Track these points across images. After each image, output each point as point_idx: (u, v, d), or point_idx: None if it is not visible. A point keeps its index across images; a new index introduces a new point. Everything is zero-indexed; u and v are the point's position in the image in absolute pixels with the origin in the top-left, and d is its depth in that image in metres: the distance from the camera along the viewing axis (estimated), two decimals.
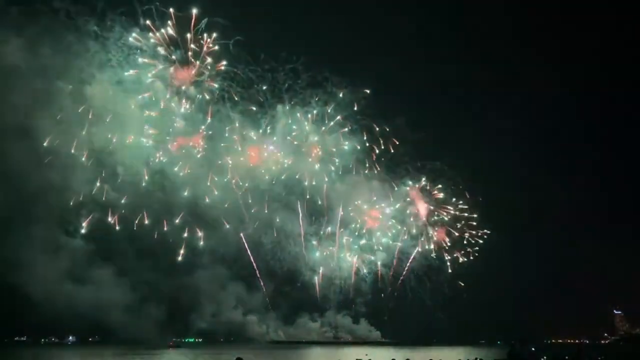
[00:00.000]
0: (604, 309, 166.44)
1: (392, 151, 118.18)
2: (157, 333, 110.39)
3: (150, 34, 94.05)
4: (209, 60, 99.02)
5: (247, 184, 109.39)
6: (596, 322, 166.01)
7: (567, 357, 42.34)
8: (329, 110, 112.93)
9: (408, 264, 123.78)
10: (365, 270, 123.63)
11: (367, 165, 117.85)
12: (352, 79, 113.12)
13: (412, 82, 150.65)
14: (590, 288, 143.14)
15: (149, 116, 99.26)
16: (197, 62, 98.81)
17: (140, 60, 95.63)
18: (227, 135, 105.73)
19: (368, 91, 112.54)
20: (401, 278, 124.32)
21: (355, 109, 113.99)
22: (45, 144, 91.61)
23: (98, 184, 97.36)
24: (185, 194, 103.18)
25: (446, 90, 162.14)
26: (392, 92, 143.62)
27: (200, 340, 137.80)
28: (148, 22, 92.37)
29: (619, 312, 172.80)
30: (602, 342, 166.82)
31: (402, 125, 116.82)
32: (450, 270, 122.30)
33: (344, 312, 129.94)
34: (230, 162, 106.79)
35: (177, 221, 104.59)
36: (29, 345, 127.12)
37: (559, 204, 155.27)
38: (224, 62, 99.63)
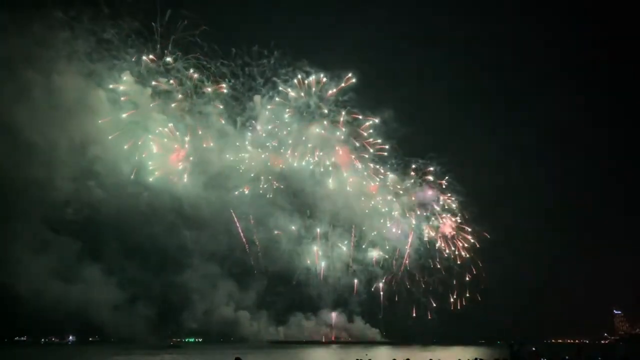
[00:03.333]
0: (604, 309, 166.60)
1: (378, 145, 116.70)
2: (149, 332, 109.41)
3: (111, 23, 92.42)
4: (179, 53, 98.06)
5: (231, 182, 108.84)
6: (596, 322, 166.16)
7: (567, 357, 42.28)
8: (310, 104, 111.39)
9: (402, 262, 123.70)
10: (359, 268, 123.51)
11: (353, 159, 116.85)
12: (333, 70, 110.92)
13: (397, 73, 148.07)
14: (590, 288, 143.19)
15: (123, 111, 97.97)
16: (166, 53, 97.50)
17: (109, 52, 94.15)
18: (203, 130, 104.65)
19: (353, 79, 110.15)
20: (395, 276, 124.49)
21: (339, 101, 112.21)
22: (24, 139, 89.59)
23: (82, 180, 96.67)
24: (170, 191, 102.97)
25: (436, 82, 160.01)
26: (378, 84, 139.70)
27: (200, 340, 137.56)
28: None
29: (619, 312, 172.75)
30: (602, 342, 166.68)
31: (389, 119, 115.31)
32: (438, 266, 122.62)
33: (339, 310, 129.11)
34: (211, 158, 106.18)
35: (164, 219, 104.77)
36: (28, 345, 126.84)
37: (559, 203, 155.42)
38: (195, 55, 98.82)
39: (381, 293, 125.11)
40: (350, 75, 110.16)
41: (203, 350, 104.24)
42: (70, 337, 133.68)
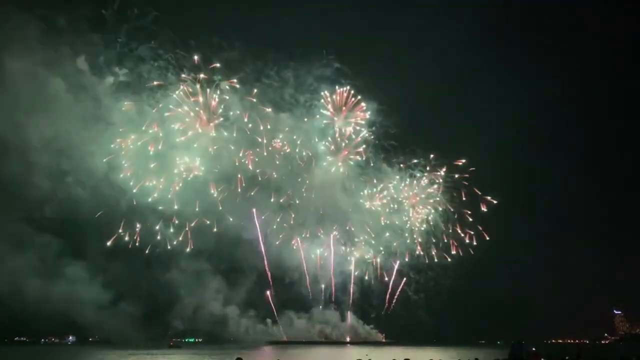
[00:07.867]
0: (604, 309, 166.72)
1: (362, 138, 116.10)
2: (138, 332, 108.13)
3: None
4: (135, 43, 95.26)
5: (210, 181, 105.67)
6: (596, 322, 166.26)
7: (567, 357, 42.23)
8: (286, 96, 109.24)
9: (393, 260, 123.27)
10: (352, 267, 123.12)
11: (337, 153, 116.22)
12: (311, 62, 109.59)
13: (377, 63, 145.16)
14: (590, 288, 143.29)
15: (84, 102, 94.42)
16: (119, 41, 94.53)
17: (61, 38, 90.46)
18: (174, 126, 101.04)
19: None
20: (387, 275, 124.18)
21: (316, 91, 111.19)
22: None
23: (59, 177, 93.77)
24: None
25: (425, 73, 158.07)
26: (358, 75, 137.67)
27: (200, 340, 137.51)
28: None
29: (619, 312, 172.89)
30: (602, 342, 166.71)
31: (374, 111, 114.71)
32: (427, 261, 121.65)
33: (332, 308, 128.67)
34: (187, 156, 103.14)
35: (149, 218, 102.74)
36: (28, 345, 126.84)
37: (559, 202, 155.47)
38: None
39: (375, 292, 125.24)
40: (328, 62, 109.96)
41: (202, 350, 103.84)
42: (70, 338, 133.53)
